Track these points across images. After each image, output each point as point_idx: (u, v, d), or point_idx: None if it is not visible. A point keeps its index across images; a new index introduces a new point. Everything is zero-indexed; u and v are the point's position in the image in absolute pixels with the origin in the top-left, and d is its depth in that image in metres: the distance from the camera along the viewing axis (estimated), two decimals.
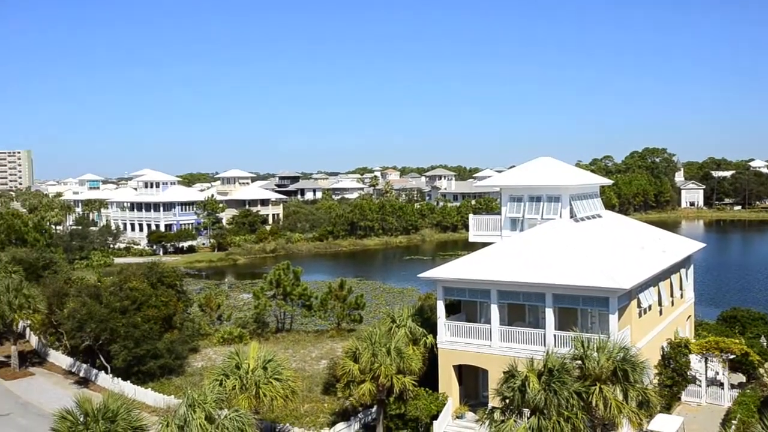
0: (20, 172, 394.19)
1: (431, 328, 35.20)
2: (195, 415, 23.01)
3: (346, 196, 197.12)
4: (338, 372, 32.46)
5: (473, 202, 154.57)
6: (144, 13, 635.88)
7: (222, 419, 23.51)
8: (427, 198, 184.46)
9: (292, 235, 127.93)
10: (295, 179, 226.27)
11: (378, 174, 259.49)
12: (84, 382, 45.12)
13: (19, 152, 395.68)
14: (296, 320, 59.31)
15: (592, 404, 24.77)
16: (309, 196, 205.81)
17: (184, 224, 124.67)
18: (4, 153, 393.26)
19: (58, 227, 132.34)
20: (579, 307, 31.83)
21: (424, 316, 38.48)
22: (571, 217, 37.07)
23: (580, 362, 25.69)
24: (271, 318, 57.77)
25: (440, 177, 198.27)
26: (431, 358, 34.50)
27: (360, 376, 30.49)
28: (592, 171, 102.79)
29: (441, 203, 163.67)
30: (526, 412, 24.41)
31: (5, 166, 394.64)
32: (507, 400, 24.73)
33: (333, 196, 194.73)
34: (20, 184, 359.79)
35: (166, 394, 40.03)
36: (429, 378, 34.07)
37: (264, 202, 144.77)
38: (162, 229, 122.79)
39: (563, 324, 31.84)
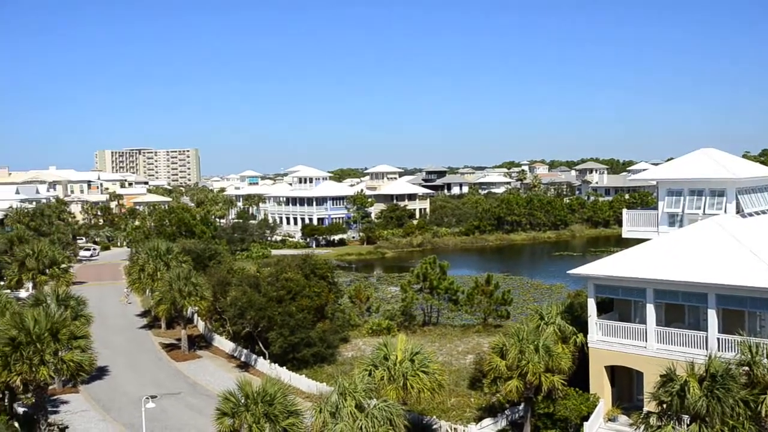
0: (189, 169, 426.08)
1: (581, 326, 34.12)
2: (346, 402, 23.85)
3: (493, 190, 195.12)
4: (485, 367, 32.32)
5: (627, 196, 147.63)
6: (303, 18, 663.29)
7: (371, 408, 24.19)
8: (577, 192, 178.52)
9: (439, 230, 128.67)
10: (441, 174, 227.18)
11: (526, 168, 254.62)
12: (244, 366, 48.04)
13: (188, 151, 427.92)
14: (443, 314, 59.66)
15: (762, 414, 22.98)
16: (455, 190, 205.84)
17: (335, 218, 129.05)
18: (176, 152, 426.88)
19: (221, 220, 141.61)
20: (746, 310, 29.56)
21: (573, 313, 37.38)
22: (738, 212, 34.49)
23: (747, 368, 23.91)
24: (418, 311, 58.50)
25: (591, 170, 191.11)
26: (581, 357, 33.45)
27: (507, 373, 30.18)
28: (762, 163, 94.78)
29: (592, 198, 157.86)
30: (686, 418, 23.09)
31: (177, 163, 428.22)
32: (664, 405, 23.51)
33: (479, 191, 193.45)
34: (189, 180, 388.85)
35: (319, 381, 41.73)
36: (579, 378, 33.07)
37: (411, 197, 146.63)
38: (315, 222, 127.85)
39: (727, 327, 29.71)
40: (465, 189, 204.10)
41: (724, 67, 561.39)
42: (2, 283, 61.43)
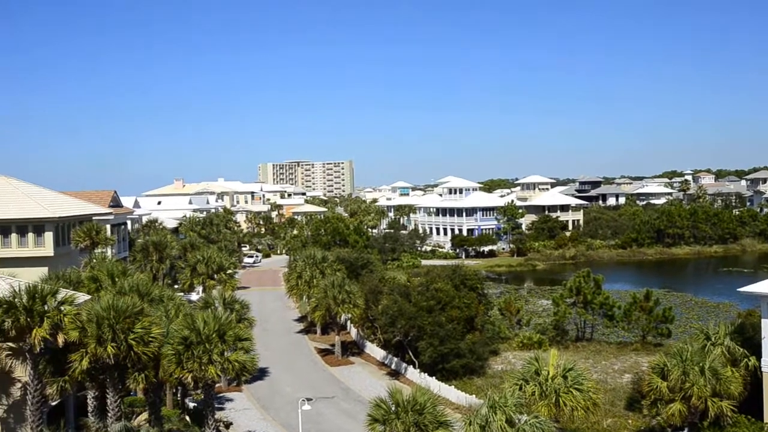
0: (343, 180, 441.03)
1: (753, 348, 31.53)
2: (496, 416, 23.60)
3: (652, 201, 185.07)
4: (644, 388, 30.74)
5: None
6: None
7: (522, 424, 23.76)
8: (749, 204, 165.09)
9: (593, 242, 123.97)
10: (596, 184, 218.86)
11: (689, 178, 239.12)
12: (394, 374, 48.86)
13: (343, 163, 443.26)
14: (597, 330, 57.38)
15: None
16: (611, 201, 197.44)
17: (485, 229, 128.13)
18: (332, 164, 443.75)
19: (373, 230, 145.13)
20: None
21: (744, 335, 34.61)
22: None
23: None
24: (571, 326, 56.67)
25: (765, 180, 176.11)
26: (754, 382, 30.91)
27: (669, 395, 28.52)
28: None
29: (766, 209, 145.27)
30: None
31: (332, 175, 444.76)
32: None
33: (637, 202, 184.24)
34: (343, 191, 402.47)
35: (468, 393, 41.56)
36: (751, 405, 30.57)
37: (564, 208, 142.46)
38: (464, 233, 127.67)
39: None
40: (621, 200, 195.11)
41: None
42: (176, 286, 66.61)
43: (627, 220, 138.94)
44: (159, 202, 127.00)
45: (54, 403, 31.49)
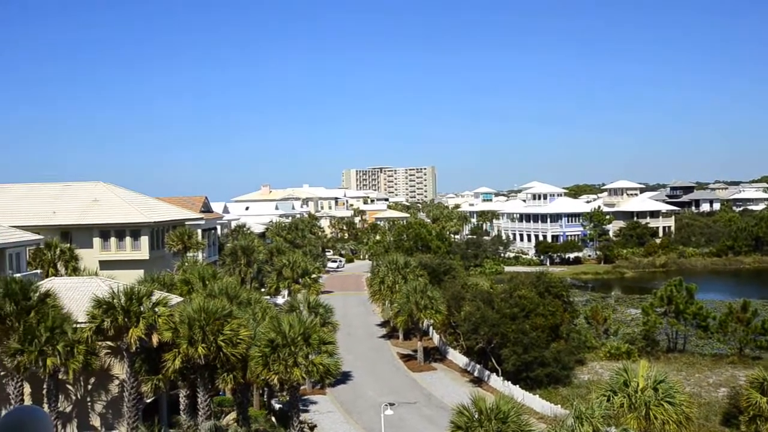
0: (426, 186, 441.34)
1: None
2: (582, 428, 23.04)
3: (750, 207, 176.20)
4: (742, 403, 29.34)
5: None
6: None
7: None
8: None
9: (685, 250, 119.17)
10: (688, 189, 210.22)
11: None
12: (477, 381, 48.45)
13: (425, 168, 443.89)
14: (690, 341, 55.10)
15: None
16: (705, 207, 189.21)
17: (570, 235, 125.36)
18: (414, 170, 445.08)
19: (456, 236, 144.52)
20: None
21: None
22: None
23: None
24: (662, 336, 54.65)
25: None
26: None
27: None
28: None
29: None
30: None
31: (414, 181, 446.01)
32: None
33: (734, 208, 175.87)
34: (425, 196, 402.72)
35: (553, 402, 40.74)
36: None
37: (653, 214, 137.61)
38: (549, 239, 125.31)
39: None
40: (716, 206, 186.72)
41: None
42: (263, 289, 68.35)
43: (722, 226, 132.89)
44: (247, 208, 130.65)
45: (149, 401, 32.89)
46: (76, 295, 33.25)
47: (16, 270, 38.12)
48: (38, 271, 42.81)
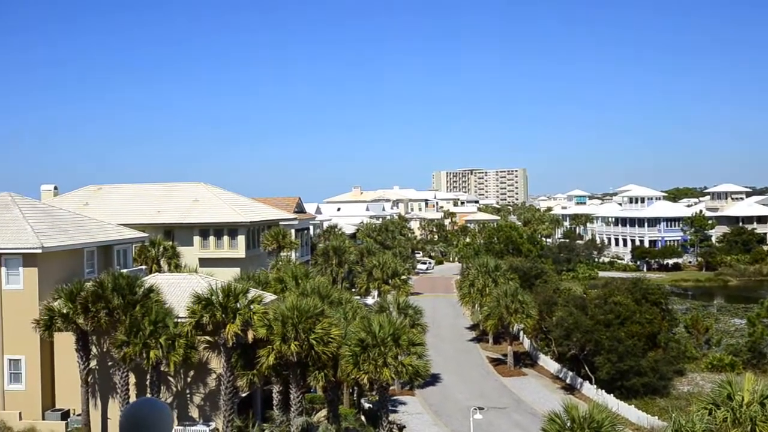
0: (517, 188, 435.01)
1: None
2: None
3: None
4: None
5: None
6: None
7: None
8: None
9: None
10: None
11: None
12: (569, 388, 47.32)
13: (516, 171, 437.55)
14: None
15: None
16: None
17: (669, 240, 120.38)
18: (505, 171, 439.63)
19: (547, 239, 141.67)
20: None
21: None
22: None
23: None
24: None
25: None
26: None
27: None
28: None
29: None
30: None
31: (505, 183, 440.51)
32: None
33: None
34: (516, 199, 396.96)
35: (650, 414, 39.28)
36: None
37: (761, 219, 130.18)
38: (646, 244, 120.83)
39: None
40: None
41: None
42: (354, 289, 69.26)
43: None
44: (338, 209, 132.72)
45: (244, 395, 33.97)
46: (177, 290, 34.76)
47: (123, 266, 40.24)
48: (143, 267, 45.02)
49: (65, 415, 33.71)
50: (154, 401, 4.24)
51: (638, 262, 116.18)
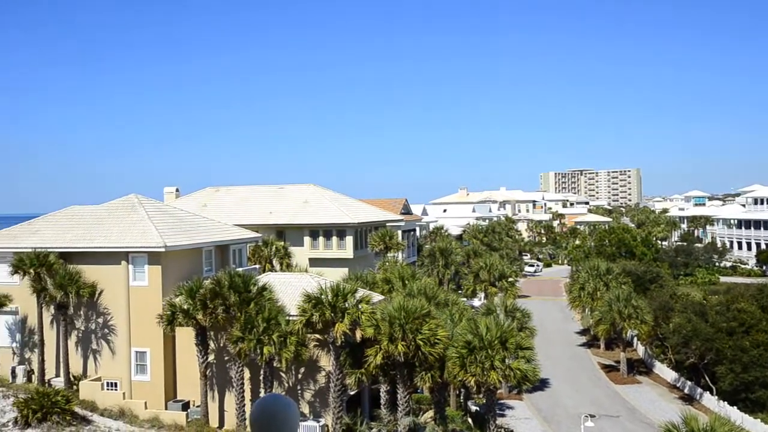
0: (630, 189, 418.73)
1: None
2: None
3: None
4: None
5: None
6: None
7: None
8: None
9: None
10: None
11: None
12: (687, 399, 45.12)
13: (629, 171, 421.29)
14: None
15: None
16: None
17: None
18: (617, 172, 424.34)
19: (663, 242, 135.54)
20: None
21: None
22: None
23: None
24: None
25: None
26: None
27: None
28: None
29: None
30: None
31: (617, 184, 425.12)
32: None
33: None
34: (629, 200, 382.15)
35: None
36: None
37: None
38: None
39: None
40: None
41: None
42: (460, 291, 68.95)
43: None
44: (444, 210, 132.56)
45: (352, 393, 34.58)
46: (288, 289, 35.85)
47: (238, 264, 41.95)
48: (257, 266, 46.74)
49: (185, 406, 35.52)
50: (281, 397, 4.28)
51: (764, 267, 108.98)
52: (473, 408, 41.74)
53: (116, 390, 36.23)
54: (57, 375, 37.71)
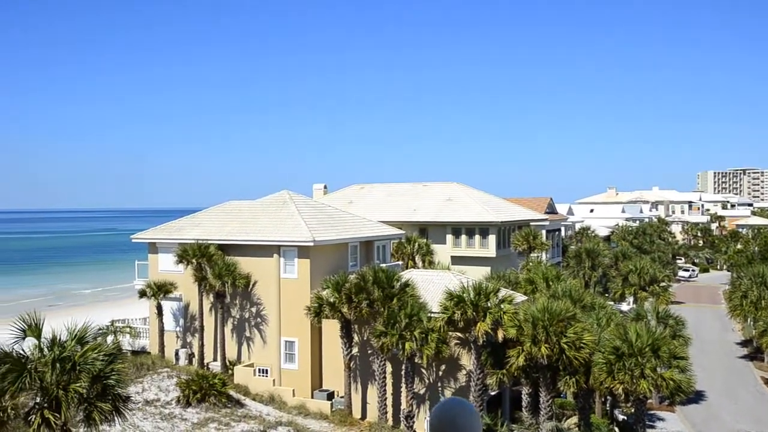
0: None
1: None
2: None
3: None
4: None
5: None
6: None
7: None
8: None
9: None
10: None
11: None
12: None
13: None
14: None
15: None
16: None
17: None
18: None
19: None
20: None
21: None
22: None
23: None
24: None
25: None
26: None
27: None
28: None
29: None
30: None
31: None
32: None
33: None
34: None
35: None
36: None
37: None
38: None
39: None
40: None
41: None
42: (607, 295, 66.30)
43: None
44: (591, 210, 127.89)
45: (492, 393, 34.27)
46: (430, 286, 36.11)
47: (382, 260, 42.81)
48: (399, 262, 47.45)
49: (330, 396, 36.78)
50: (464, 402, 4.14)
51: None
52: (620, 417, 40.03)
53: (267, 376, 38.18)
54: (214, 359, 40.34)
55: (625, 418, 39.16)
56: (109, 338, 39.03)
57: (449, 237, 57.23)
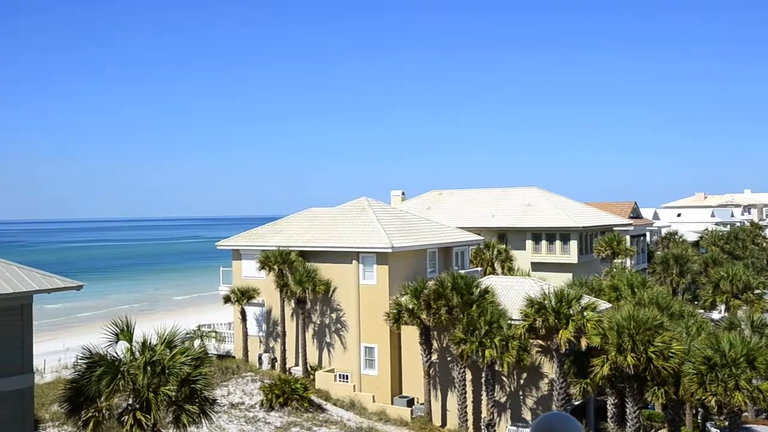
0: None
1: None
2: None
3: None
4: None
5: None
6: None
7: None
8: None
9: None
10: None
11: None
12: None
13: None
14: None
15: None
16: None
17: None
18: None
19: None
20: None
21: None
22: None
23: None
24: None
25: None
26: None
27: None
28: None
29: None
30: None
31: None
32: None
33: None
34: None
35: None
36: None
37: None
38: None
39: None
40: None
41: None
42: (697, 302, 63.60)
43: None
44: (678, 215, 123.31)
45: (576, 403, 33.42)
46: (510, 293, 35.60)
47: (460, 267, 42.52)
48: (478, 269, 47.02)
49: (410, 402, 36.74)
50: (568, 417, 3.99)
51: None
52: (713, 430, 38.26)
53: (347, 382, 38.52)
54: (296, 364, 41.03)
55: (719, 431, 37.41)
56: (196, 342, 40.31)
57: (529, 243, 56.32)
